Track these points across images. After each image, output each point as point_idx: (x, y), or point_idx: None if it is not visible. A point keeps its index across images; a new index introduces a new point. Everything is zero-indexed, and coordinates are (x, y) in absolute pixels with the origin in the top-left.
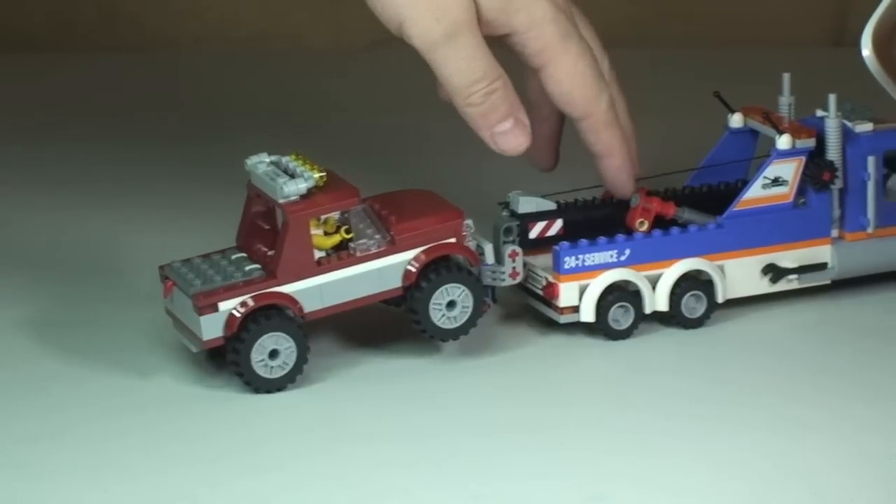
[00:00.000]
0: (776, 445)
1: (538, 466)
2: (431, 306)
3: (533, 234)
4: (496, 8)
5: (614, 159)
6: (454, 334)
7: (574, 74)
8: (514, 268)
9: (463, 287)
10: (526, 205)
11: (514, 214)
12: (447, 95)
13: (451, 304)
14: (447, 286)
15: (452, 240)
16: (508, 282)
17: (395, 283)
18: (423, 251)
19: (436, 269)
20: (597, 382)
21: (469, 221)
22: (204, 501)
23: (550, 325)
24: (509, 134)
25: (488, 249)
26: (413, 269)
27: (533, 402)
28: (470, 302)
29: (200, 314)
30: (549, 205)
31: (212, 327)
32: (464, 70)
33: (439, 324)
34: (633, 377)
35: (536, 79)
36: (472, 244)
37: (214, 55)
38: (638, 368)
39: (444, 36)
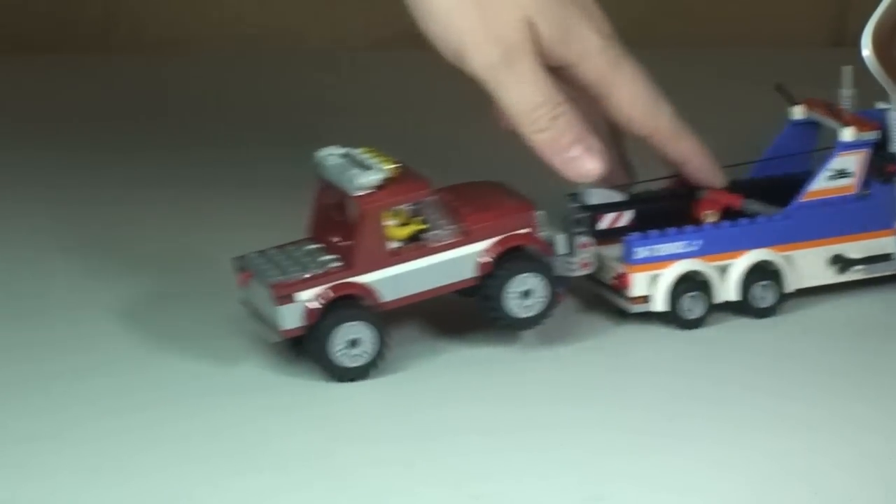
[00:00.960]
0: (777, 445)
1: (538, 466)
2: (507, 295)
3: (602, 224)
4: (556, 39)
5: (692, 163)
6: (529, 323)
7: (632, 98)
8: (585, 258)
9: (539, 276)
10: (595, 196)
11: (582, 206)
12: (509, 124)
13: (526, 294)
14: (523, 275)
15: (526, 230)
16: (580, 272)
17: (469, 273)
18: (497, 241)
19: (510, 259)
20: (597, 382)
21: (541, 212)
22: (204, 501)
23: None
24: (581, 160)
25: (559, 240)
26: (488, 260)
27: (533, 401)
28: (545, 291)
29: (279, 304)
30: (619, 196)
31: (290, 317)
32: (526, 95)
33: (515, 313)
34: (633, 377)
35: (582, 108)
36: (544, 235)
37: (214, 55)
38: (638, 368)
39: (504, 60)
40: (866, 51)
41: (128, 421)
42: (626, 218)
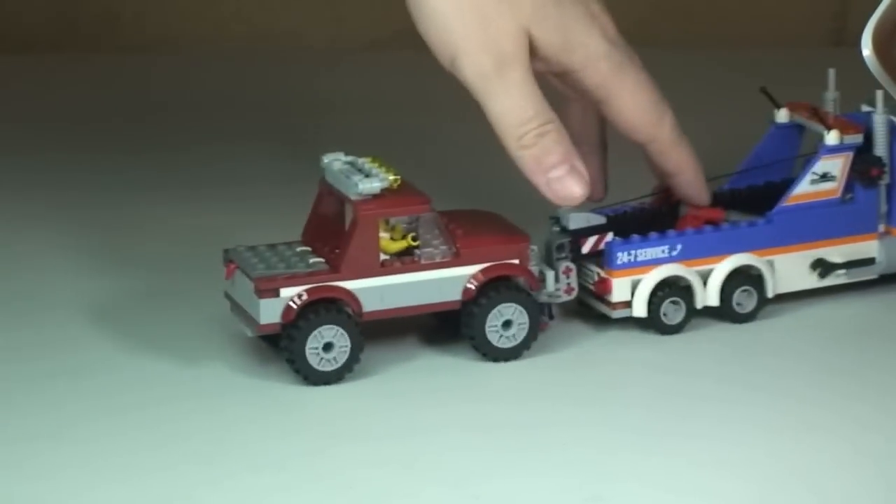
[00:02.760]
0: (778, 445)
1: (538, 466)
2: (487, 324)
3: (585, 249)
4: (555, 45)
5: (685, 175)
6: (507, 354)
7: (634, 105)
8: (568, 283)
9: (521, 308)
10: (577, 221)
11: (564, 230)
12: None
13: (507, 324)
14: (504, 305)
15: (515, 261)
16: (564, 298)
17: (455, 295)
18: (486, 268)
19: (495, 288)
20: (598, 382)
21: (535, 247)
22: (203, 501)
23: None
24: (566, 180)
25: (550, 276)
26: (472, 286)
27: (533, 401)
28: (526, 323)
29: (260, 297)
30: (600, 219)
31: (270, 312)
32: (515, 108)
33: (495, 343)
34: (633, 377)
35: (577, 112)
36: (534, 269)
37: (214, 55)
38: (639, 369)
39: (495, 69)
40: (866, 51)
41: (126, 420)
42: (608, 239)
